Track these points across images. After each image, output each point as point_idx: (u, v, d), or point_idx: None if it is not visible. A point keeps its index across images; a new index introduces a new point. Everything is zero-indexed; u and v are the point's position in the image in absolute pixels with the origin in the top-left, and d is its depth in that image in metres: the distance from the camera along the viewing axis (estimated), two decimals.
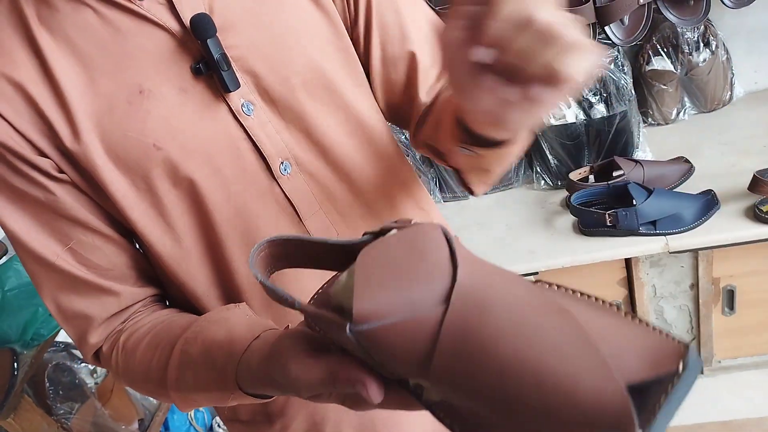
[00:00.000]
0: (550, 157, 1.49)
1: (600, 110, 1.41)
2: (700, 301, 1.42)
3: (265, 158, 0.58)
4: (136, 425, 1.35)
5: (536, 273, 1.35)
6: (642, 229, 1.30)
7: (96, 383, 1.27)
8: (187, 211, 0.57)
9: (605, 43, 1.41)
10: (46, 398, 1.16)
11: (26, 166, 0.53)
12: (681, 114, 1.60)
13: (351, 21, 0.62)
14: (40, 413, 1.09)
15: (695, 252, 1.33)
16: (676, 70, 1.52)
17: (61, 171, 0.54)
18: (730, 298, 1.40)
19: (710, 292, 1.40)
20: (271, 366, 0.44)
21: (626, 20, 1.33)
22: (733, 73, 1.57)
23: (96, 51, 0.53)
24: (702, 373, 1.55)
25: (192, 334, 0.54)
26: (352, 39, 0.62)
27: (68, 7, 0.52)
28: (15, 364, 1.08)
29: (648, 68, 1.53)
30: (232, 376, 0.49)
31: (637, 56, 1.56)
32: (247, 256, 0.56)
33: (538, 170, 1.54)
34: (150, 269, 0.62)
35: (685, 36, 1.48)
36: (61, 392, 1.21)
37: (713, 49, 1.50)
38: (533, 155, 1.54)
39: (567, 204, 1.45)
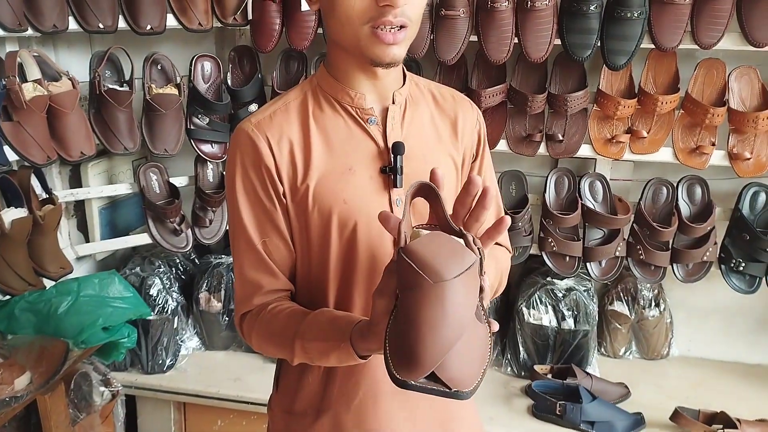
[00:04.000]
0: (521, 349, 1.82)
1: (569, 323, 1.77)
2: None
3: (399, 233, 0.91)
4: None
5: None
6: (582, 426, 1.58)
7: (101, 405, 1.43)
8: (343, 245, 0.90)
9: (584, 275, 1.83)
10: (67, 395, 1.33)
11: (270, 184, 0.88)
12: (627, 353, 1.96)
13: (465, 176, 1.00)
14: (65, 403, 1.25)
15: None
16: (631, 317, 1.92)
17: (284, 196, 0.89)
18: None
19: None
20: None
21: (603, 263, 1.76)
22: (672, 335, 1.97)
23: (336, 140, 0.90)
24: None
25: (320, 311, 0.87)
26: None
27: (331, 113, 0.91)
28: (66, 355, 1.28)
29: (609, 308, 1.93)
30: (347, 334, 0.79)
31: (603, 296, 1.97)
32: (368, 291, 0.89)
33: (509, 357, 1.86)
34: (294, 275, 0.94)
35: (642, 293, 1.90)
36: (78, 397, 1.36)
37: (661, 310, 1.92)
38: (507, 344, 1.87)
39: (525, 391, 1.75)
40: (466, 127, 1.00)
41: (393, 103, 0.92)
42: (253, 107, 1.83)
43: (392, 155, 0.90)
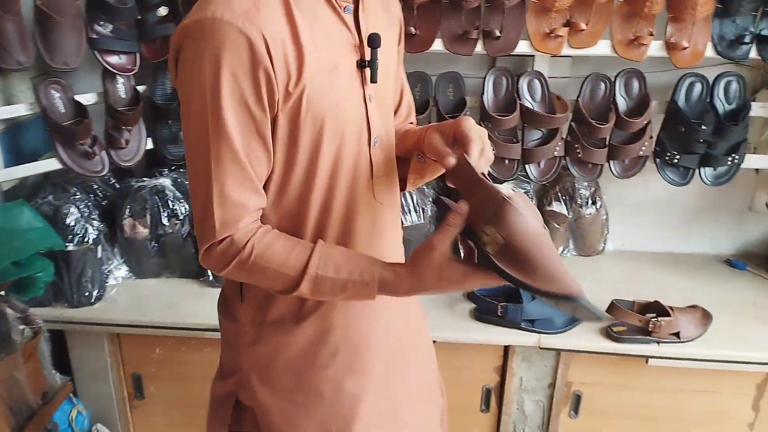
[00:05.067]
0: None
1: None
2: (554, 399, 1.72)
3: (370, 132, 0.88)
4: (39, 397, 1.39)
5: (434, 341, 1.60)
6: (523, 325, 1.61)
7: (21, 343, 1.33)
8: (333, 151, 0.84)
9: (523, 178, 1.81)
10: None
11: (266, 90, 0.76)
12: (565, 252, 2.00)
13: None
14: None
15: (558, 353, 1.64)
16: (568, 216, 1.93)
17: (276, 106, 0.78)
18: (576, 402, 1.71)
19: (563, 393, 1.70)
20: (423, 269, 0.79)
21: (542, 164, 1.73)
22: (608, 231, 2.01)
23: (320, 33, 0.80)
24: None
25: (326, 245, 0.85)
26: None
27: (311, 1, 0.80)
28: None
29: (548, 208, 1.94)
30: (375, 273, 0.81)
31: (542, 197, 1.97)
32: (347, 205, 0.88)
33: None
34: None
35: (580, 191, 1.91)
36: None
37: (598, 207, 1.94)
38: None
39: (468, 295, 1.75)
40: (396, 12, 0.96)
41: None
42: (163, 11, 1.65)
43: (371, 48, 0.84)
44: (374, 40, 0.83)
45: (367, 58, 0.85)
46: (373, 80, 0.85)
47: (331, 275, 0.81)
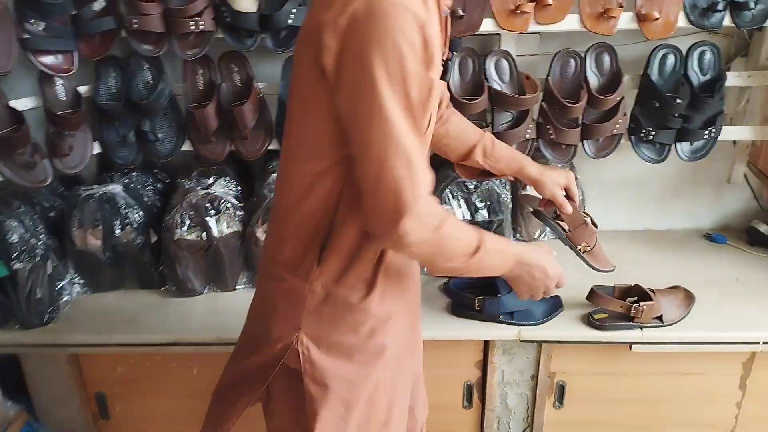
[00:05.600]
0: None
1: (483, 215, 1.69)
2: (537, 391, 1.66)
3: (430, 122, 0.94)
4: None
5: None
6: (501, 318, 1.54)
7: None
8: (427, 145, 0.95)
9: None
10: None
11: (426, 72, 0.84)
12: (542, 236, 1.93)
13: None
14: None
15: (540, 344, 1.58)
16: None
17: None
18: (561, 392, 1.66)
19: (546, 384, 1.65)
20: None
21: (514, 147, 1.65)
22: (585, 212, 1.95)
23: (434, 27, 0.85)
24: None
25: None
26: None
27: None
28: None
29: (523, 192, 1.86)
30: (514, 245, 1.05)
31: (515, 181, 1.89)
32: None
33: None
34: None
35: None
36: None
37: None
38: None
39: (444, 290, 1.68)
40: None
41: None
42: (99, 5, 1.52)
43: (452, 51, 0.98)
44: (456, 44, 0.97)
45: (445, 57, 0.96)
46: (445, 78, 0.95)
47: (497, 246, 0.97)
